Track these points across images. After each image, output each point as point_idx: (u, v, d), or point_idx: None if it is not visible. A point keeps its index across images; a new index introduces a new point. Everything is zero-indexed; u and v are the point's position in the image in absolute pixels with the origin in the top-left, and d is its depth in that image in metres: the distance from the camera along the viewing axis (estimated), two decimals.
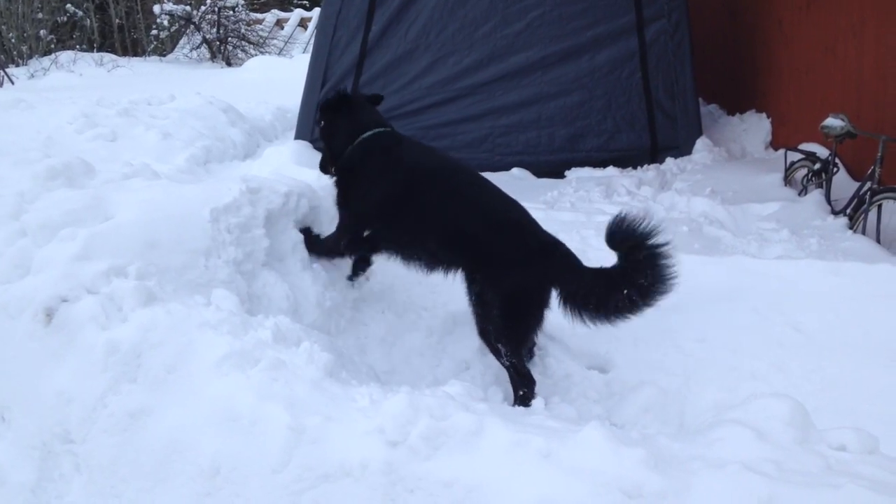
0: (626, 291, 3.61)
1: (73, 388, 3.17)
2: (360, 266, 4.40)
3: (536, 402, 3.73)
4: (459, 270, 3.93)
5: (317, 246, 4.27)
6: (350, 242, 4.19)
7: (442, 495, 2.52)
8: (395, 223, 4.03)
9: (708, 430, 2.72)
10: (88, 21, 20.69)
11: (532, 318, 3.82)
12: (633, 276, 3.60)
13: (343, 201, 4.18)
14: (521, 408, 3.64)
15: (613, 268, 3.70)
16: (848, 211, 6.22)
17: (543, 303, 3.81)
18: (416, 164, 4.06)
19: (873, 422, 3.20)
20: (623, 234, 3.60)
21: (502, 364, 3.83)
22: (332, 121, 4.25)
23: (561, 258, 3.81)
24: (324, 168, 4.36)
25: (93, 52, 19.08)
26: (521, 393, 3.80)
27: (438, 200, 3.92)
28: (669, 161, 8.57)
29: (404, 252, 4.09)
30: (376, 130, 4.16)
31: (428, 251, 4.00)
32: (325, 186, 4.49)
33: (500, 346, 3.78)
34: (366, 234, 4.17)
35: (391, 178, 4.01)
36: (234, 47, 21.60)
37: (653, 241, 3.55)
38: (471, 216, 3.87)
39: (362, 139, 4.11)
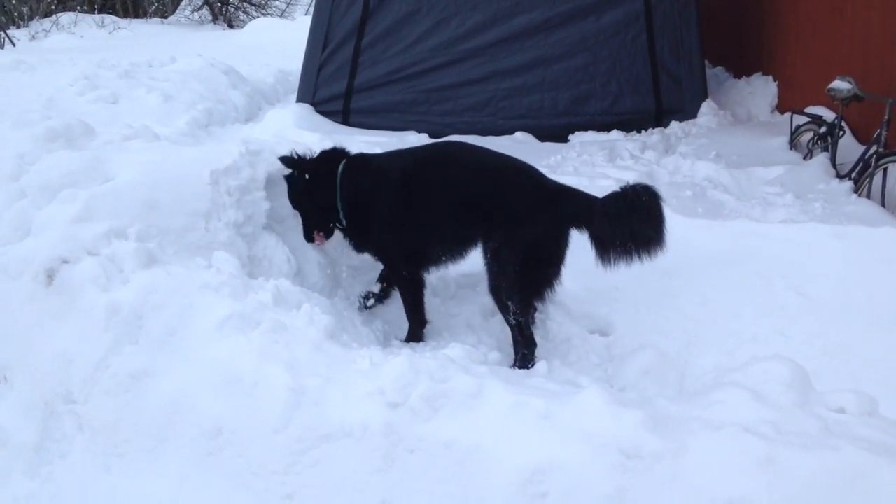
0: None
1: (74, 349, 3.19)
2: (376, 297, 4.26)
3: (539, 366, 3.73)
4: (479, 237, 3.92)
5: (413, 316, 4.10)
6: (408, 263, 4.06)
7: (441, 456, 2.54)
8: (417, 224, 3.97)
9: (707, 393, 2.73)
10: None
11: (547, 273, 3.82)
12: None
13: (373, 241, 4.09)
14: (522, 370, 3.65)
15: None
16: (853, 174, 6.16)
17: (559, 256, 3.81)
18: (405, 160, 4.07)
19: (874, 385, 3.21)
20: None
21: (508, 322, 3.83)
22: (305, 186, 4.05)
23: (571, 200, 3.81)
24: (309, 237, 4.12)
25: (94, 13, 18.89)
26: (522, 354, 3.80)
27: (443, 181, 3.91)
28: (674, 125, 8.49)
29: (444, 249, 4.02)
30: (344, 161, 4.07)
31: (453, 235, 3.97)
32: None
33: (510, 303, 3.78)
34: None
35: (393, 183, 3.97)
36: (236, 9, 21.40)
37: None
38: (475, 182, 3.86)
39: (342, 173, 4.03)
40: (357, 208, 4.03)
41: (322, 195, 4.02)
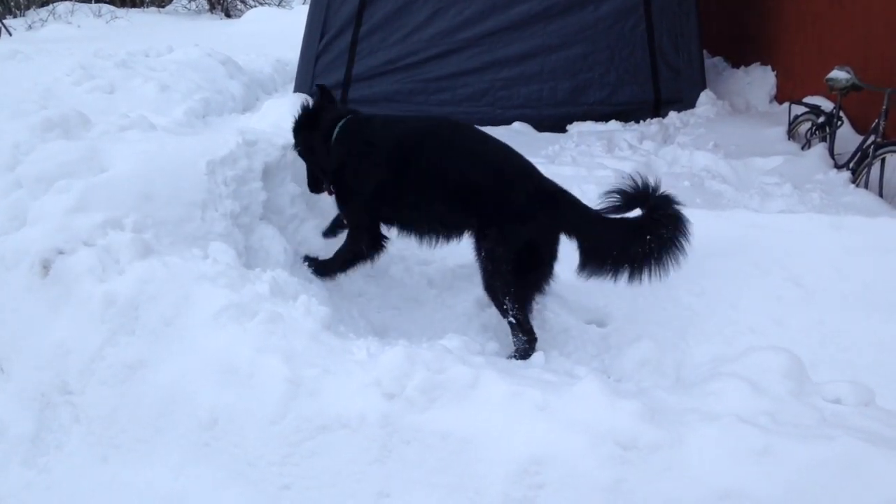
0: (648, 238, 3.60)
1: (70, 340, 3.18)
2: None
3: (536, 356, 3.72)
4: (469, 229, 3.87)
5: (332, 263, 4.06)
6: (371, 240, 4.03)
7: (438, 446, 2.54)
8: (401, 201, 3.91)
9: (704, 383, 2.73)
10: None
11: (541, 272, 3.79)
12: (654, 226, 3.62)
13: (347, 203, 4.05)
14: (518, 361, 3.64)
15: (634, 217, 3.71)
16: (851, 165, 6.17)
17: (553, 256, 3.79)
18: (401, 134, 3.97)
19: (870, 375, 3.21)
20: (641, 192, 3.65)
21: (507, 319, 3.81)
22: (307, 136, 4.09)
23: (569, 206, 3.76)
24: (314, 187, 4.18)
25: (91, 2, 18.81)
26: (521, 347, 3.79)
27: (438, 163, 3.83)
28: (672, 115, 8.50)
29: (416, 228, 3.99)
30: (344, 120, 4.03)
31: (439, 219, 3.92)
32: None
33: (506, 300, 3.76)
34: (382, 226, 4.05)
35: (380, 158, 3.89)
36: None
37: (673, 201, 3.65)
38: (474, 171, 3.79)
39: (336, 135, 3.99)
40: (342, 173, 3.99)
41: (318, 153, 4.03)
